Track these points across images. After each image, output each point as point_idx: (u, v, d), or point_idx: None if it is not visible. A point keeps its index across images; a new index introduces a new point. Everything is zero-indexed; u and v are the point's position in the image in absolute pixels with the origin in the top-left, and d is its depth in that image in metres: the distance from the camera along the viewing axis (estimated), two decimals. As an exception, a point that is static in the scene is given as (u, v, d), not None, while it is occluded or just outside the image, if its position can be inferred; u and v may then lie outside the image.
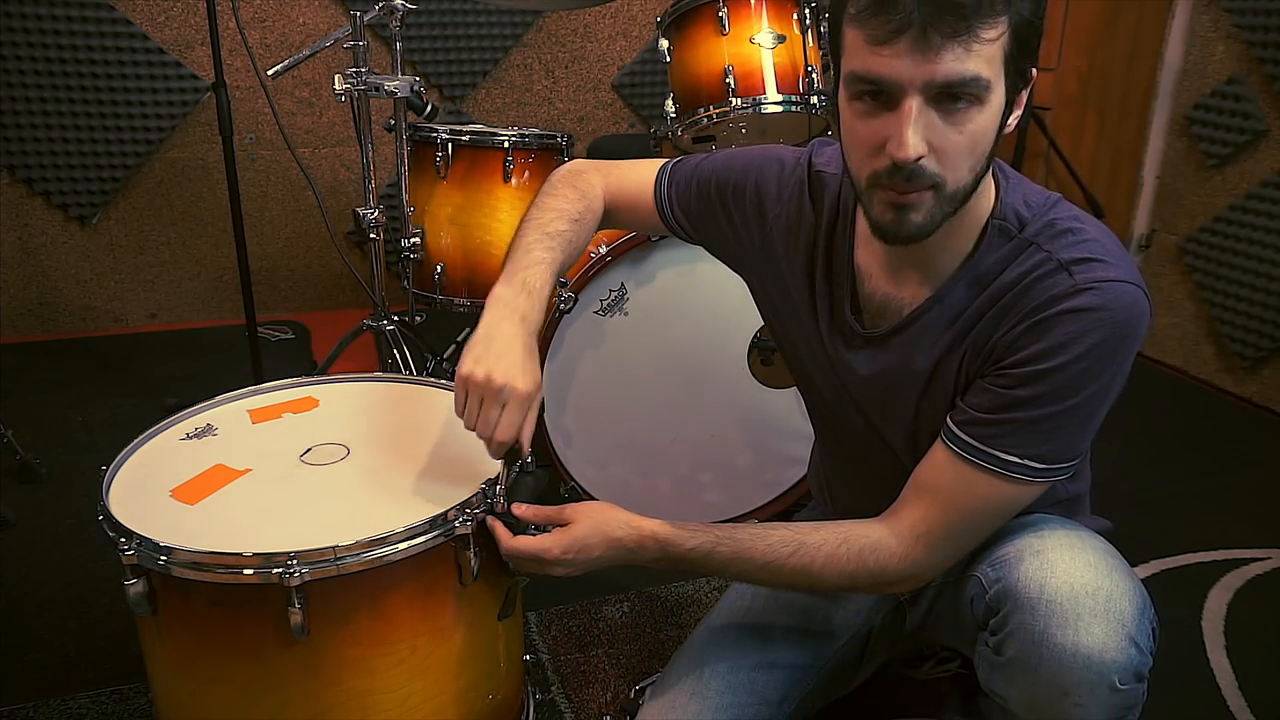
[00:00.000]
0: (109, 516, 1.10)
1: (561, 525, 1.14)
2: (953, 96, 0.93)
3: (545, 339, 1.84)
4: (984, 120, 0.95)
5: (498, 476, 1.19)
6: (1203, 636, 1.75)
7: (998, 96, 0.95)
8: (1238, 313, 2.72)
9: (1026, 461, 1.03)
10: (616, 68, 3.47)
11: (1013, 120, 1.00)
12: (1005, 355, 1.04)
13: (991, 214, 1.07)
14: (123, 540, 1.06)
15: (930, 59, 0.90)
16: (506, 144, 2.25)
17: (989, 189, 1.07)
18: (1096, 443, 1.10)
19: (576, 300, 1.82)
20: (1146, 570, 1.94)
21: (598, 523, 1.14)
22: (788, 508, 2.02)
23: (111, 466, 1.21)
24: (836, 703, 1.40)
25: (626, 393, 1.92)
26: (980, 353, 1.07)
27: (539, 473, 2.02)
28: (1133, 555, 1.95)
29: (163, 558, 1.04)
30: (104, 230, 3.09)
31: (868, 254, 1.16)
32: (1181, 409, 2.74)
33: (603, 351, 1.88)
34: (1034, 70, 0.99)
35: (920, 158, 0.94)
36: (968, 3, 0.89)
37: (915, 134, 0.93)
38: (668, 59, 2.21)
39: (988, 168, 1.01)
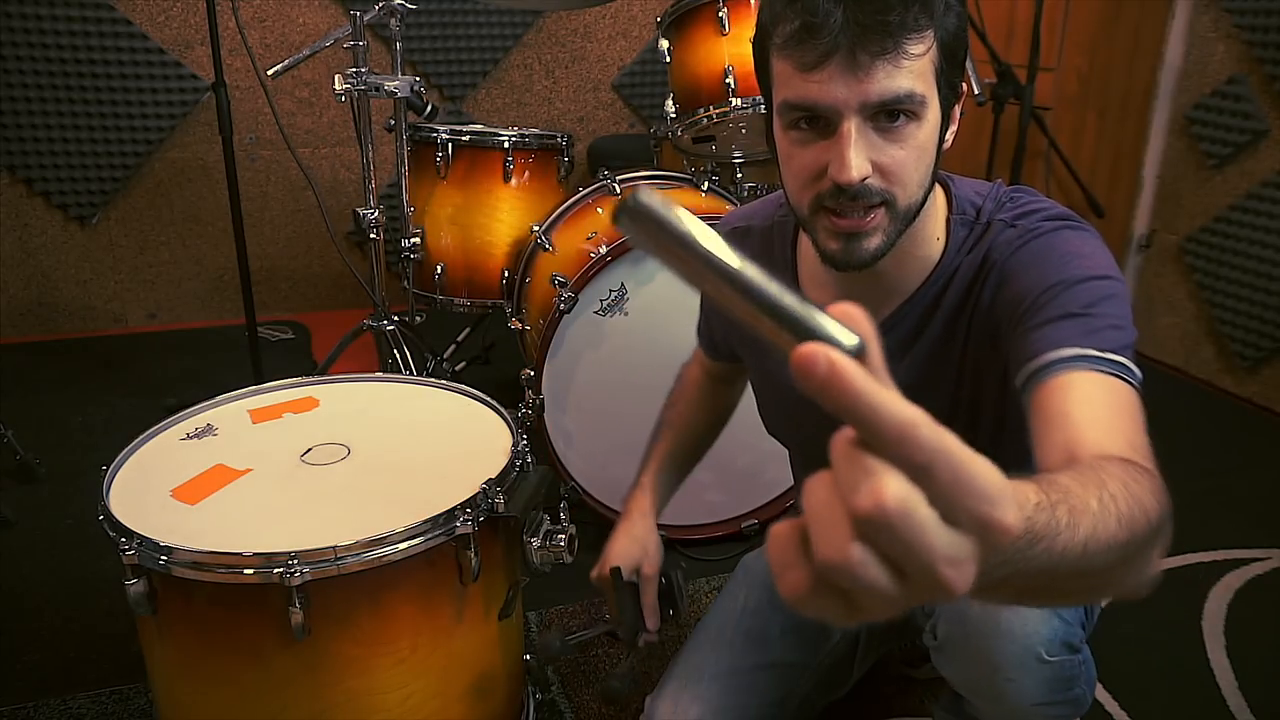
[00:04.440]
0: (109, 516, 1.10)
1: None
2: (890, 114, 0.93)
3: (545, 339, 1.84)
4: (924, 135, 0.95)
5: (498, 476, 1.19)
6: (1203, 636, 1.75)
7: (934, 111, 0.95)
8: (1238, 313, 2.72)
9: (1120, 355, 0.89)
10: (616, 68, 3.48)
11: (950, 136, 1.00)
12: (1008, 308, 1.00)
13: (950, 211, 1.07)
14: (123, 540, 1.06)
15: (862, 79, 0.90)
16: (506, 144, 2.25)
17: (940, 194, 1.08)
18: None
19: (576, 300, 1.82)
20: (1146, 570, 1.94)
21: None
22: (788, 508, 2.02)
23: (111, 466, 1.21)
24: (836, 702, 1.40)
25: (627, 393, 1.92)
26: (985, 328, 1.04)
27: (541, 469, 2.02)
28: (1133, 555, 1.97)
29: (163, 558, 1.04)
30: (104, 230, 3.10)
31: (817, 289, 1.14)
32: (1181, 409, 2.74)
33: (603, 351, 1.88)
34: (963, 85, 1.00)
35: (865, 178, 0.93)
36: (893, 20, 0.89)
37: (858, 155, 0.92)
38: (668, 59, 2.21)
39: (934, 184, 1.01)
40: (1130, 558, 0.64)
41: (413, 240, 2.27)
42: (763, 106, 1.87)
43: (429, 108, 2.19)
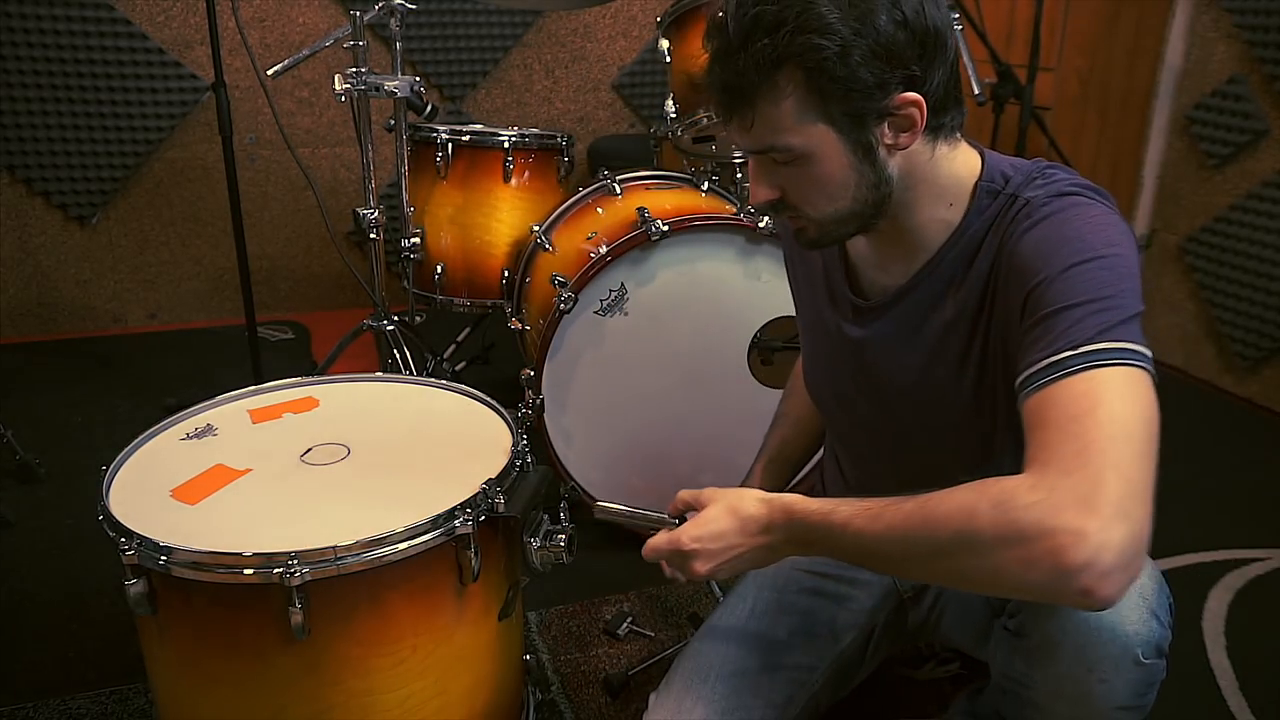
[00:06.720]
0: (109, 516, 1.10)
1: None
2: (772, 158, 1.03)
3: (545, 339, 1.84)
4: (821, 168, 1.01)
5: (498, 476, 1.19)
6: (1203, 636, 1.75)
7: (825, 144, 0.99)
8: (1238, 313, 2.72)
9: (1098, 340, 0.89)
10: (616, 68, 3.47)
11: (906, 139, 1.00)
12: (1013, 312, 0.99)
13: (979, 178, 1.08)
14: (123, 540, 1.06)
15: (742, 134, 1.03)
16: (506, 144, 2.25)
17: (972, 161, 1.08)
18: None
19: (576, 300, 1.81)
20: (1147, 570, 1.94)
21: (729, 501, 1.08)
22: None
23: (111, 466, 1.21)
24: (838, 703, 1.40)
25: (627, 393, 1.92)
26: (1000, 327, 1.03)
27: (541, 469, 2.02)
28: (1133, 555, 1.97)
29: (163, 558, 1.04)
30: (104, 230, 3.09)
31: (854, 244, 1.20)
32: (1181, 409, 2.74)
33: (603, 351, 1.88)
34: (898, 95, 0.97)
35: (767, 201, 1.06)
36: (744, 82, 0.98)
37: (757, 184, 1.06)
38: (668, 59, 2.21)
39: (873, 191, 1.03)
40: (943, 549, 0.87)
41: (413, 240, 2.27)
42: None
43: (429, 108, 2.19)
